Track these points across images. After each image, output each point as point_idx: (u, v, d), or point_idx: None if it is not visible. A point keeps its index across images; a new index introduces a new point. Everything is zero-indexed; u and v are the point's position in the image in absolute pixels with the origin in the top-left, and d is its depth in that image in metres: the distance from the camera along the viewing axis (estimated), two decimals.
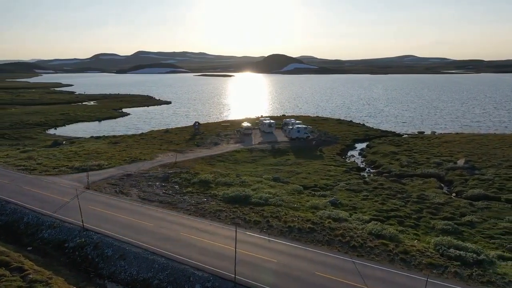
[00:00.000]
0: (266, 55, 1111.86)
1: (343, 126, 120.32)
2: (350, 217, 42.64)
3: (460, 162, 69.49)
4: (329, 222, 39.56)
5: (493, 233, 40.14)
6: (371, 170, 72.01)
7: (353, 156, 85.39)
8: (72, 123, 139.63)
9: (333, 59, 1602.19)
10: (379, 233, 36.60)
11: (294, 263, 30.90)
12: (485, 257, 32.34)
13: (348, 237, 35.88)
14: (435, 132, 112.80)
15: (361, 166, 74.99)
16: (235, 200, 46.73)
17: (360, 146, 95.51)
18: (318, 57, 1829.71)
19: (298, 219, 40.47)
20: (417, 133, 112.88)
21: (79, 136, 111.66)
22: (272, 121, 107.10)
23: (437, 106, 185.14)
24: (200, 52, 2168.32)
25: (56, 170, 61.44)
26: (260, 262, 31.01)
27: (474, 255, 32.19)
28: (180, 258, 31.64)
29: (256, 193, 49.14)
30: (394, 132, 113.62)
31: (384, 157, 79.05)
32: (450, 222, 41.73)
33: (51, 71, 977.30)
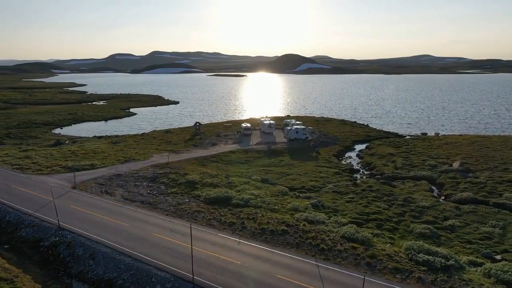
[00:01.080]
0: (280, 55, 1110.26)
1: (346, 127, 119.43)
2: (329, 219, 42.38)
3: (455, 165, 68.38)
4: (303, 225, 39.39)
5: (472, 237, 39.47)
6: (365, 172, 71.43)
7: (350, 157, 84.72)
8: (79, 123, 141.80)
9: (348, 58, 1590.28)
10: (352, 236, 36.31)
11: (257, 265, 30.91)
12: (454, 262, 31.83)
13: (319, 240, 35.70)
14: (438, 133, 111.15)
15: (356, 168, 74.51)
16: (216, 201, 46.94)
17: (359, 147, 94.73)
18: (333, 56, 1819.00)
19: (273, 221, 40.41)
20: (420, 134, 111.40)
21: (82, 135, 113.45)
22: (272, 121, 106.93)
23: (446, 107, 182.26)
24: (215, 52, 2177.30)
25: (49, 169, 62.54)
26: (224, 263, 31.10)
27: (443, 261, 31.69)
28: (146, 259, 31.95)
29: (239, 195, 49.26)
30: (396, 133, 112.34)
31: (381, 159, 78.28)
32: (429, 226, 41.18)
33: (67, 71, 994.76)
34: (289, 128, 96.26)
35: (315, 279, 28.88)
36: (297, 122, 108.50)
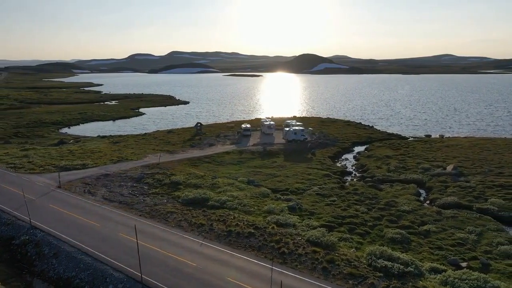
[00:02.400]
0: (298, 55, 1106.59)
1: (349, 129, 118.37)
2: (301, 222, 42.22)
3: (449, 168, 67.04)
4: (272, 228, 39.32)
5: (444, 243, 38.68)
6: (357, 175, 70.73)
7: (346, 159, 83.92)
8: (87, 122, 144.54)
9: (367, 58, 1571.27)
10: (317, 240, 36.06)
11: (212, 267, 31.06)
12: (413, 269, 31.31)
13: (282, 244, 35.60)
14: (443, 135, 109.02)
15: (349, 170, 73.84)
16: (193, 202, 47.31)
17: (358, 149, 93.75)
18: (352, 56, 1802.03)
19: (243, 223, 40.47)
20: (424, 136, 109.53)
21: (88, 135, 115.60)
22: (272, 122, 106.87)
23: (458, 108, 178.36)
24: (233, 52, 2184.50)
25: (42, 168, 64.04)
26: (180, 265, 31.37)
27: (401, 267, 31.21)
28: (106, 259, 32.49)
29: (217, 196, 49.50)
30: (400, 135, 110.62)
31: (376, 161, 77.37)
32: (402, 231, 40.55)
33: (87, 71, 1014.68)
34: (287, 129, 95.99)
35: (264, 283, 28.84)
36: (298, 123, 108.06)
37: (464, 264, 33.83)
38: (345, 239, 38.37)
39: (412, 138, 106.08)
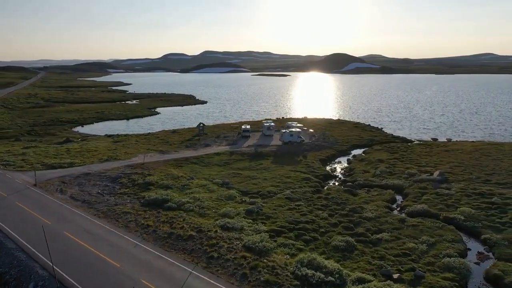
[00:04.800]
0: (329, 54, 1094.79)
1: (355, 131, 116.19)
2: (251, 226, 42.06)
3: (436, 174, 64.76)
4: (215, 231, 39.45)
5: (389, 253, 37.51)
6: (342, 178, 69.47)
7: (339, 162, 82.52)
8: (101, 121, 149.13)
9: (402, 58, 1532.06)
10: (253, 245, 35.91)
11: (133, 269, 31.49)
12: (335, 279, 30.66)
13: (215, 248, 35.69)
14: (450, 139, 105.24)
15: (335, 174, 72.66)
16: (153, 204, 48.07)
17: (356, 152, 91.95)
18: (387, 55, 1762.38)
19: (189, 226, 40.83)
20: (431, 139, 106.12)
21: (97, 134, 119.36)
22: (272, 124, 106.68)
23: (479, 111, 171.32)
24: (265, 52, 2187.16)
25: (30, 166, 66.78)
26: (104, 265, 32.05)
27: (322, 276, 30.63)
28: (38, 256, 33.64)
29: (179, 197, 50.06)
30: (405, 138, 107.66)
31: (367, 165, 75.81)
32: (350, 239, 39.60)
33: (121, 71, 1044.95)
34: (283, 131, 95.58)
35: (174, 287, 29.08)
36: (298, 125, 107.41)
37: (395, 276, 32.74)
38: (286, 245, 37.86)
39: (416, 142, 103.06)
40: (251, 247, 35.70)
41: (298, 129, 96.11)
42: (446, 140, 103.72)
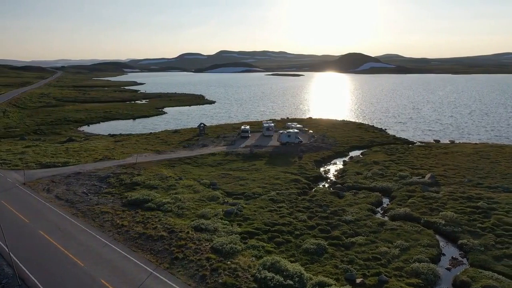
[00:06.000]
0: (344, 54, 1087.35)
1: (357, 132, 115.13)
2: (225, 228, 42.17)
3: (427, 177, 63.78)
4: (187, 233, 39.72)
5: (360, 257, 37.16)
6: (333, 180, 68.99)
7: (334, 164, 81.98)
8: (107, 121, 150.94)
9: (420, 57, 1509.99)
10: (220, 247, 36.08)
11: (95, 269, 32.03)
12: (294, 282, 30.62)
13: (182, 249, 35.97)
14: (453, 141, 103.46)
15: (327, 175, 72.14)
16: (134, 204, 48.73)
17: (354, 153, 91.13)
18: (405, 55, 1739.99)
19: (163, 226, 41.20)
20: (433, 141, 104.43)
21: (100, 133, 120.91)
22: (271, 124, 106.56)
23: (489, 112, 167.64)
24: (280, 51, 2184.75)
25: (24, 165, 68.19)
26: (69, 265, 32.64)
27: (281, 279, 30.59)
28: (8, 254, 34.37)
29: (160, 198, 50.47)
30: (406, 139, 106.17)
31: (361, 167, 75.05)
32: (322, 242, 39.38)
33: (137, 70, 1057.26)
34: (281, 131, 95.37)
35: (132, 286, 29.40)
36: (298, 126, 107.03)
37: (358, 280, 32.44)
38: (255, 247, 37.85)
39: (418, 143, 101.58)
40: (218, 249, 35.85)
41: (296, 130, 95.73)
42: (448, 142, 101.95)
